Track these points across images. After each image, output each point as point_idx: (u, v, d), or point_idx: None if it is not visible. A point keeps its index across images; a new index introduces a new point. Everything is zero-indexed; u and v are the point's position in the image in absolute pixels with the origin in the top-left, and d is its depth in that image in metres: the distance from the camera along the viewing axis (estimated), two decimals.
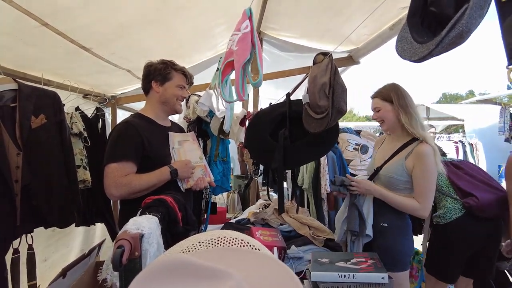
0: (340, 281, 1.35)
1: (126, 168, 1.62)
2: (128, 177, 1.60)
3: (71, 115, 2.45)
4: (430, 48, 0.83)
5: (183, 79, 1.86)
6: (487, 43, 60.35)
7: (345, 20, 2.64)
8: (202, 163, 1.92)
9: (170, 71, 1.82)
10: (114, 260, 0.80)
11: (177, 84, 1.84)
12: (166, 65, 1.83)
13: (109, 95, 3.17)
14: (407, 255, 1.82)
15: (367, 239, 1.81)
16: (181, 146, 1.81)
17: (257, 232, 1.80)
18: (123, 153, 1.63)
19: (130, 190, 1.60)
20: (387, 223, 1.80)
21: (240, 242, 0.72)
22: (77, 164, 2.34)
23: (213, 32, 2.84)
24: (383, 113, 1.86)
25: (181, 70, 1.87)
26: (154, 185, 1.64)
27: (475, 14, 0.76)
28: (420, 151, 1.73)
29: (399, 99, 1.80)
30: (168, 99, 1.84)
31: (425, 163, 1.71)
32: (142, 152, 1.67)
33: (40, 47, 1.91)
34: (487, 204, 2.06)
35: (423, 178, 1.73)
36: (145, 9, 1.93)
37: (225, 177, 2.89)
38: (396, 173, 1.78)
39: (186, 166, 1.74)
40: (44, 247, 2.38)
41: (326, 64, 1.60)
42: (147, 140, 1.69)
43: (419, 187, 1.74)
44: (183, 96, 1.87)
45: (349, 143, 3.40)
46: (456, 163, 2.30)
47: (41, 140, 1.81)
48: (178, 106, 1.88)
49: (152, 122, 1.84)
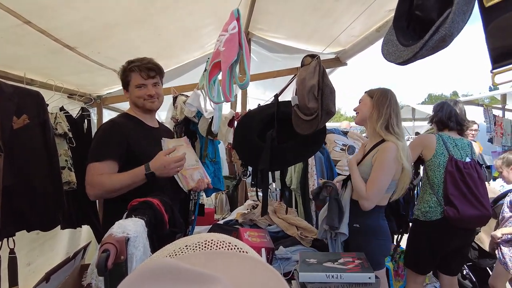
0: (328, 281, 1.36)
1: (105, 168, 1.59)
2: (101, 177, 1.57)
3: (55, 115, 2.40)
4: (414, 51, 0.85)
5: (139, 77, 1.74)
6: (472, 46, 61.84)
7: (332, 22, 2.67)
8: (198, 165, 1.90)
9: (127, 74, 1.76)
10: (99, 265, 0.78)
11: (135, 85, 1.75)
12: (123, 68, 1.77)
13: (94, 95, 3.11)
14: (380, 255, 1.85)
15: (344, 237, 1.84)
16: (176, 151, 1.78)
17: (245, 233, 1.79)
18: (104, 153, 1.61)
19: (103, 189, 1.57)
20: (359, 224, 1.84)
21: (228, 245, 0.72)
22: (62, 165, 2.29)
23: (201, 32, 2.83)
24: (361, 105, 1.93)
25: (138, 68, 1.73)
26: (128, 185, 1.57)
27: (457, 18, 0.77)
28: (383, 147, 1.79)
29: (379, 98, 1.86)
30: (136, 101, 1.78)
31: (382, 158, 1.76)
32: (126, 151, 1.64)
33: (22, 46, 1.86)
34: (467, 218, 2.11)
35: (375, 170, 1.77)
36: (132, 8, 1.91)
37: (216, 177, 2.88)
38: (365, 172, 1.83)
39: (165, 168, 1.60)
40: (28, 250, 2.32)
41: (314, 66, 1.62)
42: (132, 139, 1.66)
43: (372, 178, 1.78)
44: (148, 94, 1.75)
45: (336, 144, 3.43)
46: (460, 162, 2.23)
47: (23, 141, 1.77)
48: (148, 104, 1.78)
49: (139, 122, 1.81)
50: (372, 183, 1.76)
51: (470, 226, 2.20)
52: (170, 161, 1.60)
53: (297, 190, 3.15)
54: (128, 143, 1.65)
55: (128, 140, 1.65)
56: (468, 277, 2.93)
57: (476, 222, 2.19)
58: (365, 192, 1.76)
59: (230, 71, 1.44)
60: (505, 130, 6.37)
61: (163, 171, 1.59)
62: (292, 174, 3.21)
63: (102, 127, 1.74)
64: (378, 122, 1.83)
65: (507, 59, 0.78)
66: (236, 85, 1.53)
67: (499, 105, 7.21)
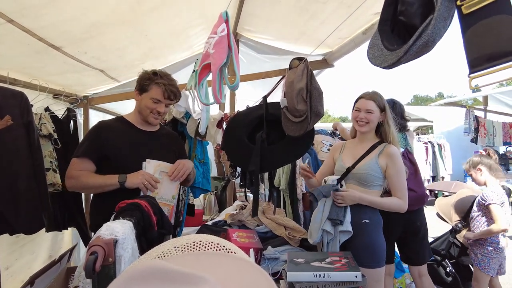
0: (315, 280, 1.37)
1: (84, 164, 1.73)
2: (79, 172, 1.71)
3: (40, 115, 2.35)
4: (399, 56, 0.88)
5: (160, 93, 1.79)
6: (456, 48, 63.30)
7: (319, 24, 2.70)
8: (171, 204, 1.79)
9: (149, 83, 1.80)
10: (87, 267, 0.78)
11: (152, 96, 1.80)
12: (148, 76, 1.82)
13: (81, 95, 3.06)
14: (384, 251, 1.88)
15: (347, 236, 1.83)
16: (161, 177, 1.72)
17: (233, 234, 1.80)
18: (83, 151, 1.75)
19: (77, 183, 1.71)
20: (369, 219, 1.85)
21: (216, 246, 0.73)
22: (47, 167, 2.24)
23: (189, 33, 2.82)
24: (373, 117, 1.92)
25: (163, 85, 1.79)
26: (100, 186, 1.68)
27: (439, 24, 0.80)
28: (391, 151, 1.87)
29: (389, 111, 1.96)
30: (142, 109, 1.83)
31: (398, 163, 1.86)
32: (100, 152, 1.74)
33: (5, 45, 1.82)
34: None
35: (398, 176, 1.86)
36: (119, 9, 1.89)
37: (205, 178, 2.87)
38: (372, 169, 1.86)
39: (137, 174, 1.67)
40: (6, 254, 2.25)
41: (302, 69, 1.64)
42: (108, 141, 1.75)
43: (398, 184, 1.86)
44: (158, 110, 1.82)
45: (323, 145, 3.47)
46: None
47: (6, 142, 1.73)
48: (151, 119, 1.84)
49: (130, 125, 1.86)
50: (401, 189, 1.87)
51: None
52: (143, 172, 1.68)
53: (286, 191, 3.18)
54: (102, 143, 1.74)
55: (104, 141, 1.75)
56: (452, 274, 3.00)
57: (410, 204, 2.15)
58: (401, 200, 1.86)
59: (220, 73, 1.45)
60: (488, 131, 6.56)
61: (132, 177, 1.65)
62: (281, 175, 3.23)
63: (91, 128, 1.89)
64: (390, 132, 1.93)
65: (483, 64, 0.81)
66: (225, 86, 1.54)
67: (481, 106, 7.42)
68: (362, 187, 1.88)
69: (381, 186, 1.90)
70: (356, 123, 1.95)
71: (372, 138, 1.97)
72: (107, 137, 1.76)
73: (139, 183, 1.63)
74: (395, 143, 1.93)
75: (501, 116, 7.41)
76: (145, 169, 1.70)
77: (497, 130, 6.69)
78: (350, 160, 1.95)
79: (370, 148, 1.92)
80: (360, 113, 1.93)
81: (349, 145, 2.06)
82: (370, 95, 1.95)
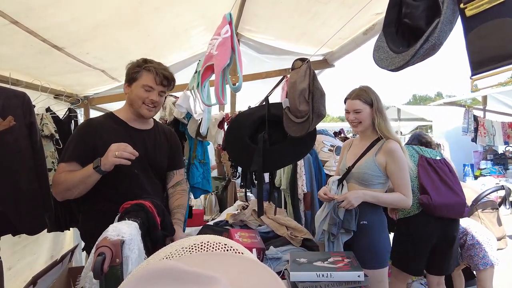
0: (318, 280, 1.38)
1: (70, 168, 1.57)
2: (58, 175, 1.57)
3: (41, 116, 2.35)
4: (407, 59, 0.89)
5: (152, 79, 1.62)
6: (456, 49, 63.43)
7: (320, 24, 2.70)
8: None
9: (138, 71, 1.63)
10: (95, 268, 0.78)
11: (143, 84, 1.62)
12: (137, 63, 1.67)
13: (81, 95, 3.07)
14: (387, 251, 1.88)
15: (347, 237, 1.84)
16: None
17: (236, 234, 1.81)
18: (70, 153, 1.60)
19: (59, 187, 1.56)
20: (367, 221, 1.85)
21: (224, 246, 0.73)
22: (49, 167, 2.24)
23: (190, 33, 2.82)
24: (363, 115, 1.89)
25: (155, 69, 1.63)
26: (80, 181, 1.50)
27: (445, 28, 0.81)
28: (389, 147, 1.83)
29: (378, 103, 1.89)
30: (133, 101, 1.66)
31: (398, 158, 1.82)
32: (92, 153, 1.55)
33: (8, 46, 1.83)
34: (438, 206, 2.20)
35: (400, 172, 1.83)
36: (121, 9, 1.90)
37: (205, 179, 2.88)
38: (369, 169, 1.85)
39: (107, 155, 1.46)
40: (9, 254, 2.25)
41: (305, 70, 1.65)
42: (102, 141, 1.57)
43: (400, 180, 1.83)
44: (151, 99, 1.63)
45: (324, 145, 3.48)
46: (430, 159, 2.39)
47: (8, 143, 1.73)
48: (144, 110, 1.65)
49: (121, 123, 1.70)
50: (404, 185, 1.83)
51: (446, 214, 2.23)
52: (112, 147, 1.45)
53: (287, 191, 3.18)
54: (95, 146, 1.57)
55: (96, 142, 1.59)
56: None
57: (451, 209, 2.23)
58: (406, 198, 1.83)
59: (223, 75, 1.46)
60: (488, 130, 6.58)
61: (104, 158, 1.46)
62: (282, 175, 3.24)
63: (78, 127, 1.68)
64: (386, 126, 1.89)
65: (485, 66, 0.82)
66: (228, 86, 1.55)
67: (480, 106, 7.44)
68: (363, 187, 1.88)
69: (382, 185, 1.88)
70: (351, 124, 1.97)
71: (371, 135, 1.94)
72: (101, 137, 1.59)
73: (113, 160, 1.43)
74: (393, 137, 1.87)
75: (500, 116, 7.43)
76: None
77: (497, 130, 6.71)
78: (352, 159, 1.96)
79: (369, 146, 1.91)
80: (349, 114, 1.93)
81: (355, 142, 2.07)
82: (355, 93, 1.93)
